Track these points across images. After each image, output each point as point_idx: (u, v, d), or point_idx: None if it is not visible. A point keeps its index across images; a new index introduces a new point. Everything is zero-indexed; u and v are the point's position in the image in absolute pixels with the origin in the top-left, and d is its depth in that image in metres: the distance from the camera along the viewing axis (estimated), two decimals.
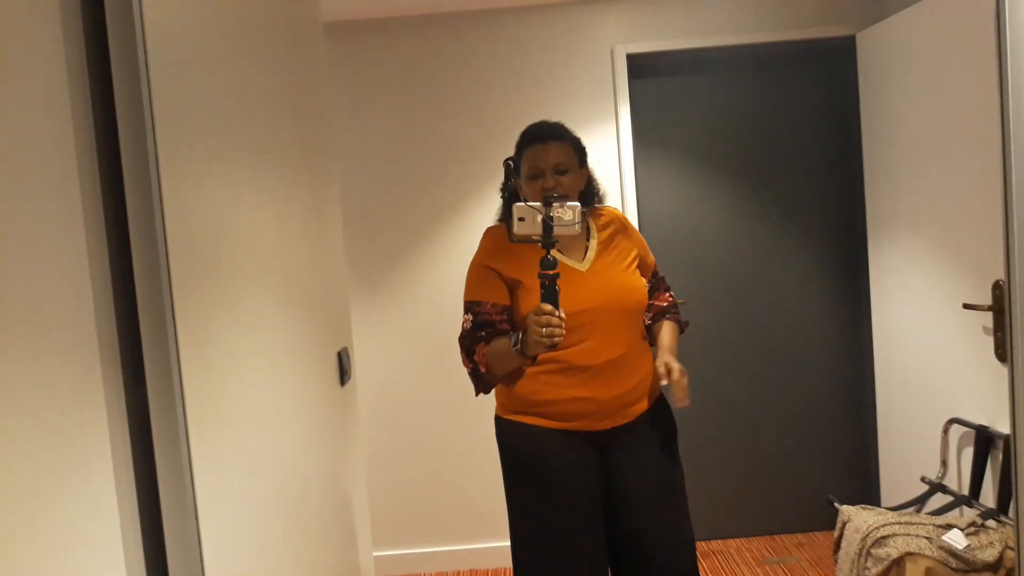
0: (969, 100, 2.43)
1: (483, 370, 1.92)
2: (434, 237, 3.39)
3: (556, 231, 1.69)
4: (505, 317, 1.95)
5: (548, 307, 1.66)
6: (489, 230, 2.09)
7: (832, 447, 3.49)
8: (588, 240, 2.05)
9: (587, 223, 2.08)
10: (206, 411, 1.19)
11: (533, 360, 1.78)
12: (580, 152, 2.01)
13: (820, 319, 3.44)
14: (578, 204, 1.71)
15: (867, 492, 3.43)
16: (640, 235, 2.18)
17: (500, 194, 2.10)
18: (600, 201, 2.15)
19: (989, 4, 2.24)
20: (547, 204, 1.69)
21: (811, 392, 3.46)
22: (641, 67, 3.33)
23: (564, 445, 1.96)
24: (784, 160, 3.39)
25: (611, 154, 3.30)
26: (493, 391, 2.06)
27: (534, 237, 1.70)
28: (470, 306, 1.98)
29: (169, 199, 1.11)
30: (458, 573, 3.42)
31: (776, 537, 3.51)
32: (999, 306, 2.35)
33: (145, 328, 1.06)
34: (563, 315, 1.66)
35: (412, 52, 3.32)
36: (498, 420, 2.08)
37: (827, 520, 3.44)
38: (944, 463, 2.65)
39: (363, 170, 3.37)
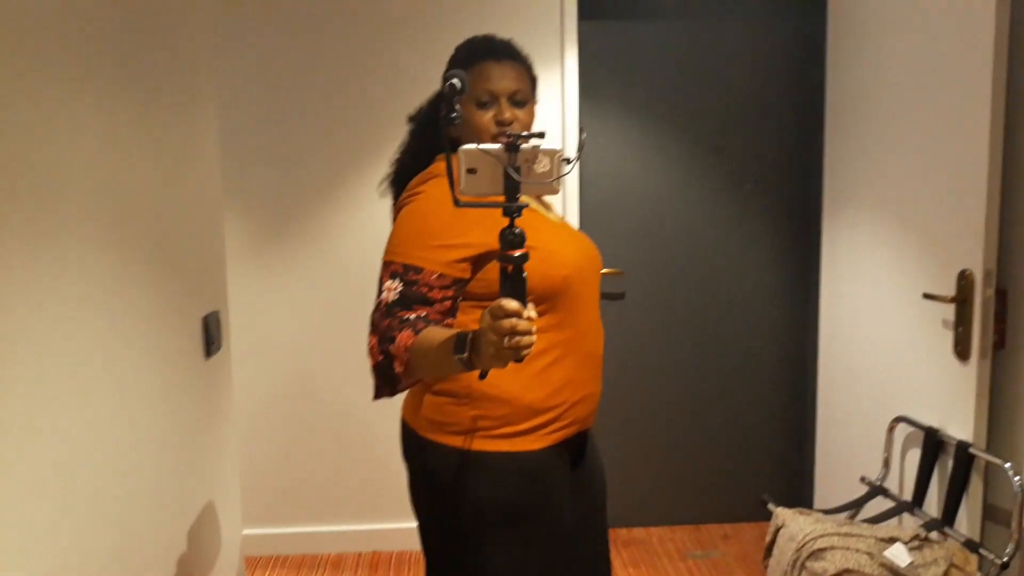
0: (951, 72, 2.16)
1: (399, 370, 1.30)
2: (345, 187, 3.01)
3: (526, 189, 1.14)
4: (451, 297, 1.39)
5: (513, 304, 1.09)
6: (436, 171, 1.49)
7: (768, 438, 3.28)
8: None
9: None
10: None
11: (482, 375, 1.20)
12: (534, 82, 1.57)
13: (765, 299, 3.20)
14: (559, 148, 1.17)
15: (800, 488, 3.24)
16: None
17: (408, 128, 1.58)
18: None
19: None
20: (512, 149, 1.12)
21: (750, 378, 3.24)
22: (592, 6, 2.98)
23: (559, 468, 1.49)
24: (741, 122, 3.11)
25: (554, 104, 2.95)
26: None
27: (490, 199, 1.14)
28: (403, 271, 1.38)
29: None
30: (329, 556, 3.13)
31: (702, 527, 3.30)
32: (963, 297, 2.11)
33: None
34: (534, 315, 1.12)
35: None
36: (445, 452, 1.44)
37: (756, 512, 3.24)
38: (887, 464, 2.44)
39: (263, 104, 2.95)
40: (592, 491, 1.62)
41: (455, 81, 1.13)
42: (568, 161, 1.16)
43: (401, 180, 1.57)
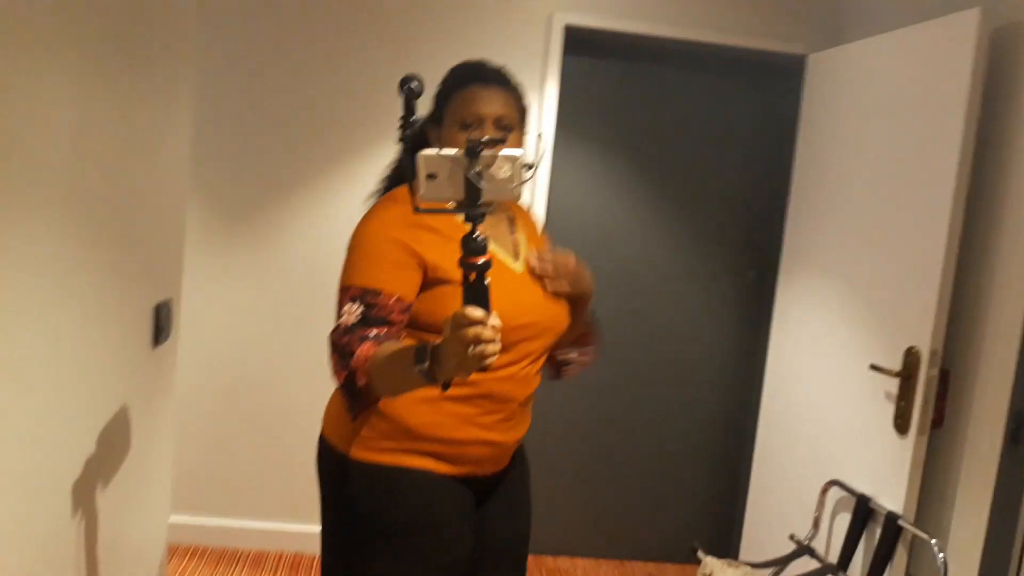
0: (918, 158, 2.23)
1: (362, 382, 1.29)
2: (308, 189, 2.96)
3: (487, 195, 1.12)
4: (407, 318, 1.41)
5: (478, 312, 1.07)
6: (393, 194, 1.52)
7: (702, 481, 3.32)
8: (514, 230, 1.59)
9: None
10: None
11: (445, 387, 1.18)
12: (523, 112, 1.56)
13: (714, 348, 3.25)
14: (520, 152, 1.15)
15: (727, 537, 3.28)
16: (543, 235, 1.73)
17: (399, 138, 1.45)
18: None
19: (958, 53, 2.06)
20: (472, 154, 1.10)
21: (691, 421, 3.27)
22: (578, 43, 3.00)
23: (450, 495, 1.50)
24: (709, 173, 3.16)
25: (531, 133, 2.95)
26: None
27: (451, 204, 1.15)
28: (361, 294, 1.38)
29: None
30: (250, 552, 3.05)
31: (627, 563, 3.32)
32: (908, 373, 2.17)
33: None
34: (498, 323, 1.09)
35: None
36: (351, 464, 1.48)
37: (681, 554, 3.27)
38: (816, 525, 2.49)
39: (238, 98, 2.89)
40: (501, 535, 1.61)
41: (413, 84, 1.11)
42: (529, 167, 1.15)
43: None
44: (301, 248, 2.97)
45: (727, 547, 3.24)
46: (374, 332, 1.34)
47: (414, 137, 1.14)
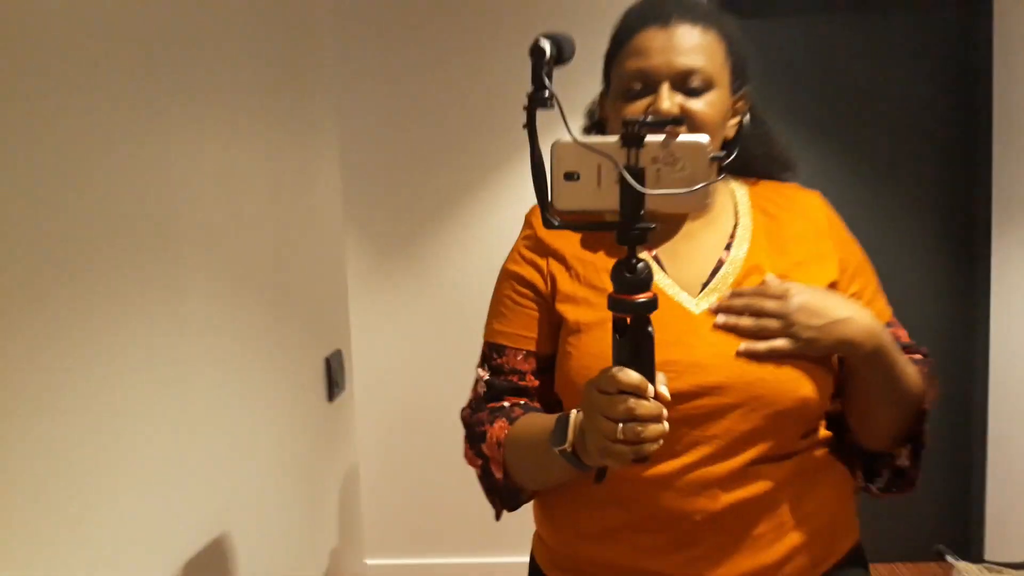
0: None
1: (498, 475, 1.01)
2: (473, 198, 2.91)
3: (652, 204, 0.76)
4: (540, 374, 1.06)
5: (632, 377, 0.76)
6: (534, 209, 1.14)
7: (927, 475, 2.95)
8: (731, 242, 1.03)
9: (733, 200, 1.08)
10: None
11: (599, 477, 0.86)
12: (735, 54, 1.03)
13: (922, 319, 2.88)
14: (705, 138, 0.78)
15: (966, 535, 2.90)
16: (859, 250, 1.14)
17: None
18: (783, 171, 1.13)
19: None
20: (632, 141, 0.76)
21: None
22: (730, 4, 2.77)
23: None
24: (888, 123, 2.81)
25: None
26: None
27: (605, 215, 0.86)
28: (487, 354, 1.09)
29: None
30: None
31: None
32: None
33: None
34: (665, 392, 0.78)
35: None
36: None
37: (916, 553, 2.94)
38: None
39: (381, 117, 2.89)
40: None
41: (543, 43, 0.77)
42: (721, 160, 0.82)
43: None
44: (469, 265, 2.93)
45: (967, 547, 2.87)
46: (507, 404, 1.04)
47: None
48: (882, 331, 0.98)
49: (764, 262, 1.01)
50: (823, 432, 1.04)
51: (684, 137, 0.77)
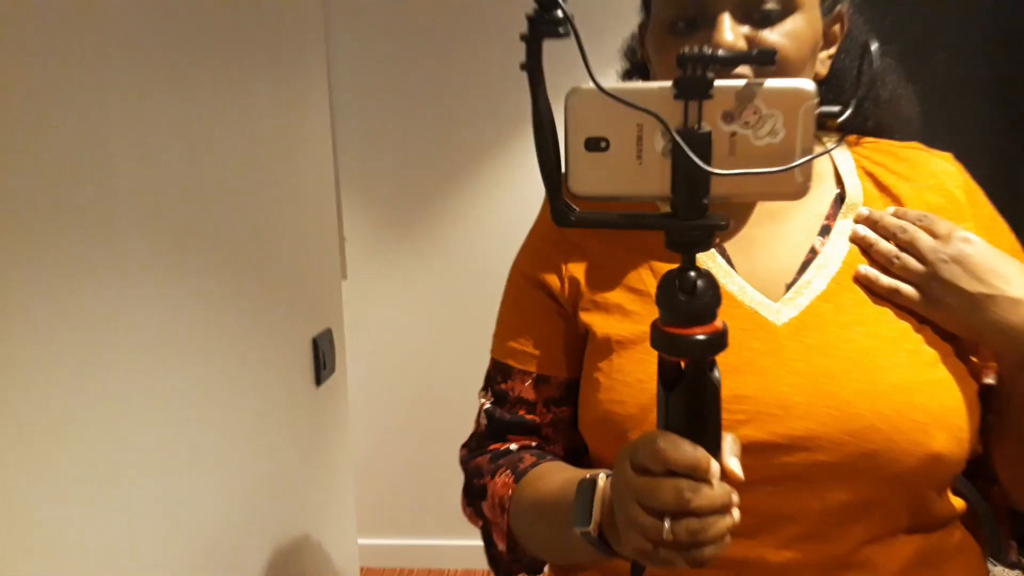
0: None
1: (501, 546, 0.79)
2: (480, 170, 2.70)
3: (721, 188, 0.50)
4: (567, 410, 0.82)
5: (686, 453, 0.52)
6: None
7: None
8: (829, 226, 0.76)
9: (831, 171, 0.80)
10: None
11: (635, 572, 0.62)
12: None
13: None
14: (809, 84, 0.50)
15: None
16: (1010, 236, 0.80)
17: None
18: (903, 124, 0.83)
19: None
20: (692, 88, 0.48)
21: None
22: None
23: None
24: (942, 104, 2.59)
25: None
26: None
27: (634, 205, 0.61)
28: (492, 376, 0.86)
29: None
30: (456, 572, 2.90)
31: None
32: None
33: None
34: (738, 470, 0.54)
35: None
36: None
37: None
38: None
39: (382, 86, 2.66)
40: None
41: None
42: (835, 118, 0.51)
43: None
44: (476, 241, 2.72)
45: None
46: (513, 447, 0.80)
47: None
48: None
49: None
50: (954, 500, 0.75)
51: (775, 82, 0.50)
